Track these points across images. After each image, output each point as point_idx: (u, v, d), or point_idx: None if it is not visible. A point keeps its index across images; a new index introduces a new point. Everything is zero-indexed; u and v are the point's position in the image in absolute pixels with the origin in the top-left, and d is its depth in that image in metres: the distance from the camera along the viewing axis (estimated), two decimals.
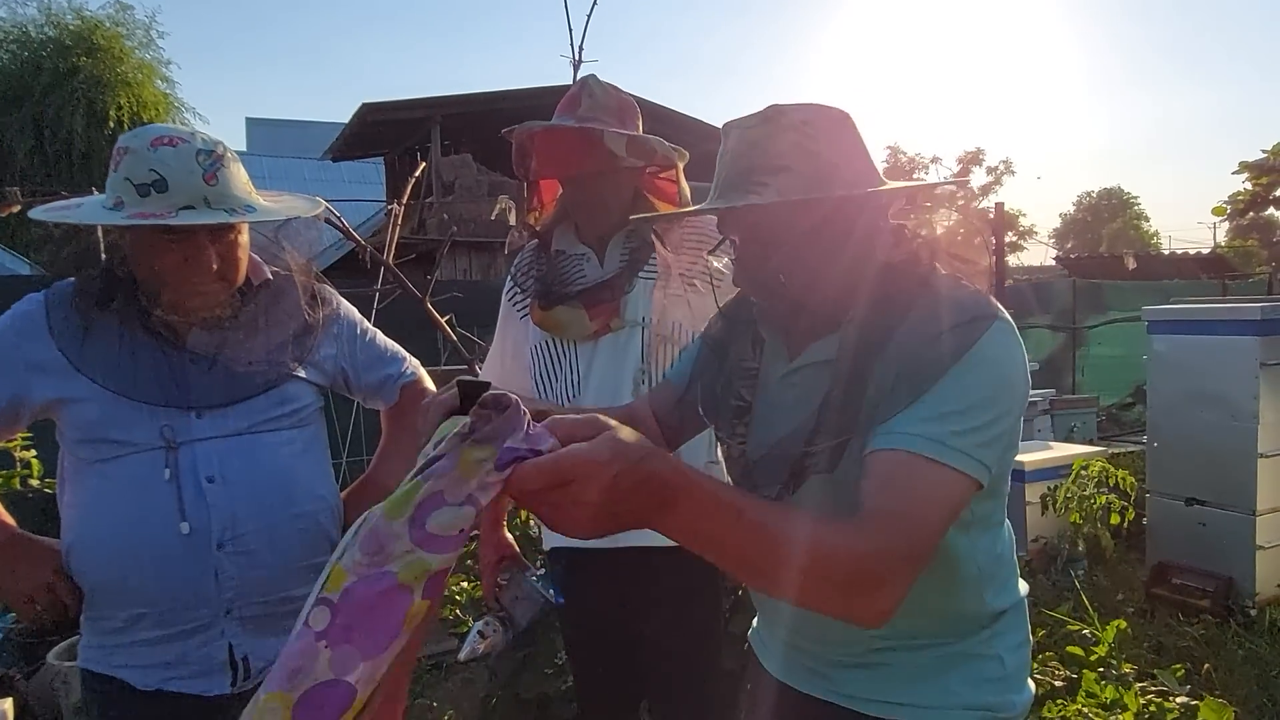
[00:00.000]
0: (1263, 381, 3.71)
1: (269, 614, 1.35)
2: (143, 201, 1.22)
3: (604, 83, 1.63)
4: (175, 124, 13.74)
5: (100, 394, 1.28)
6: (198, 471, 1.29)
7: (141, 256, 1.29)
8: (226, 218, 1.25)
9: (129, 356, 1.30)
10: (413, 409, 1.60)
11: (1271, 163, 4.82)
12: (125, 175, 1.24)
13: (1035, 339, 9.96)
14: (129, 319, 1.31)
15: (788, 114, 1.00)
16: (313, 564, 1.39)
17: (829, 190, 0.98)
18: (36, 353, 1.30)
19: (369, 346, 1.57)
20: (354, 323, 1.56)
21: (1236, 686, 3.09)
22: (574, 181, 1.63)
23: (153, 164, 1.22)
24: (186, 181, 1.23)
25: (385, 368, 1.58)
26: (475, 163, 13.12)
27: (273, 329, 1.40)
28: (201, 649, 1.31)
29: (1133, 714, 2.11)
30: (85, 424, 1.29)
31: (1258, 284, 11.89)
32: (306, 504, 1.39)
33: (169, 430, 1.29)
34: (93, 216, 1.29)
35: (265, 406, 1.37)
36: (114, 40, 12.73)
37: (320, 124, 24.89)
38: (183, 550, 1.27)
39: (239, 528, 1.30)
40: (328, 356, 1.48)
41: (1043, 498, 4.36)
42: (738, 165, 1.01)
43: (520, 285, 1.76)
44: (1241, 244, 23.37)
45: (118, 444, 1.29)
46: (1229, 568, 3.78)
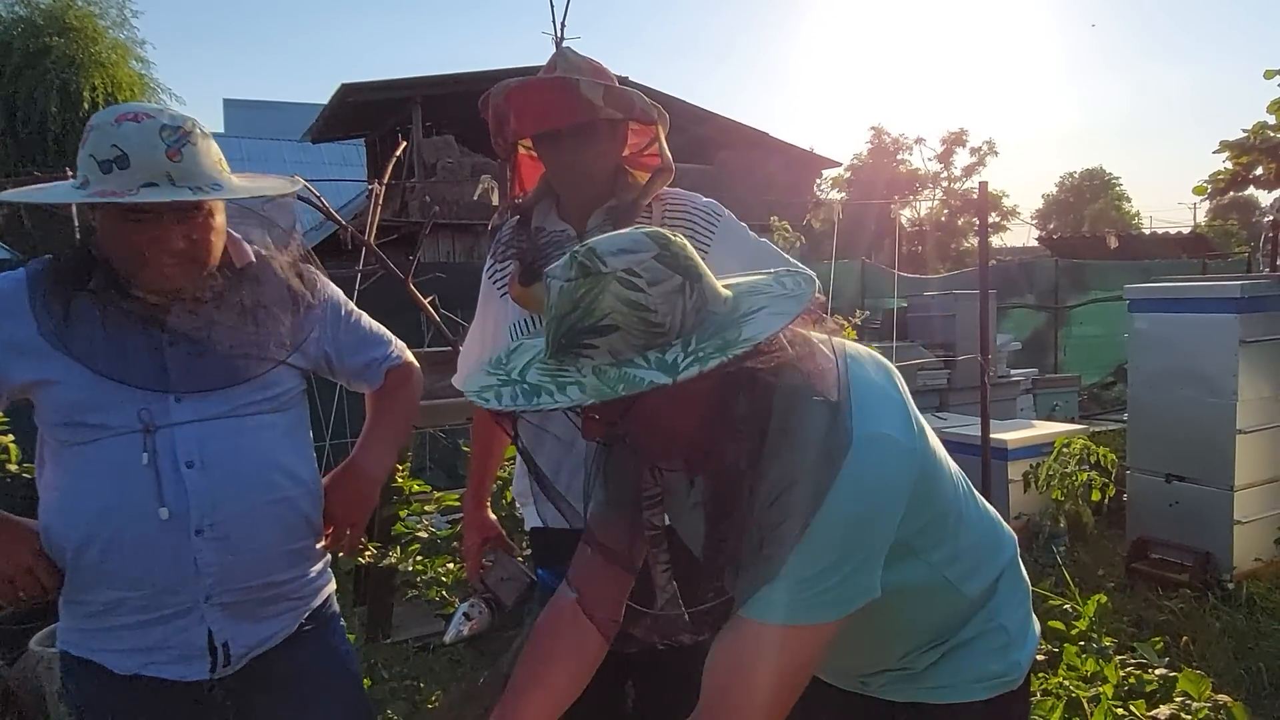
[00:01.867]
0: (1242, 359, 3.75)
1: (249, 600, 1.33)
2: (105, 179, 1.19)
3: (578, 52, 1.61)
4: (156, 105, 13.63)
5: (80, 376, 1.25)
6: (176, 456, 1.27)
7: (109, 236, 1.26)
8: (189, 195, 1.20)
9: (108, 337, 1.27)
10: (397, 392, 1.58)
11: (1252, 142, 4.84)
12: (90, 152, 1.21)
13: (1018, 319, 10.03)
14: (107, 299, 1.28)
15: (607, 261, 0.89)
16: (293, 549, 1.38)
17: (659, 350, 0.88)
18: (14, 332, 1.26)
19: (353, 329, 1.54)
20: (338, 305, 1.53)
21: (1214, 659, 3.14)
22: (554, 141, 1.61)
23: (115, 139, 1.19)
24: (148, 157, 1.19)
25: (370, 351, 1.55)
26: (457, 144, 13.01)
27: (257, 312, 1.37)
28: (181, 634, 1.30)
29: (1113, 686, 2.14)
30: (63, 406, 1.26)
31: (1237, 263, 12.00)
32: (287, 489, 1.36)
33: (147, 414, 1.26)
34: (56, 196, 1.26)
35: (246, 391, 1.34)
36: (87, 20, 12.48)
37: (299, 105, 24.56)
38: (161, 535, 1.25)
39: (218, 513, 1.28)
40: (310, 340, 1.45)
41: (1025, 475, 4.40)
42: (562, 325, 0.90)
43: (499, 261, 1.74)
44: (1221, 224, 23.58)
45: (96, 427, 1.26)
46: (1207, 542, 3.83)
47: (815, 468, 0.91)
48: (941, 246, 25.49)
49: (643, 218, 1.65)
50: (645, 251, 0.90)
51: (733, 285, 1.00)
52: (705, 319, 0.91)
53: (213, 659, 1.31)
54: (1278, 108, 4.87)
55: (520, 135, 1.67)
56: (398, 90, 13.04)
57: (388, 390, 1.58)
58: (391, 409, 1.59)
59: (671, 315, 0.89)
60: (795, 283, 0.99)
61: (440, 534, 2.79)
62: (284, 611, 1.40)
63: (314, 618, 1.45)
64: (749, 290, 0.98)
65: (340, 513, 1.47)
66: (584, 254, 0.90)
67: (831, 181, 26.22)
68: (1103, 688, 2.13)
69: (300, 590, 1.42)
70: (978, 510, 1.19)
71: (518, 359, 0.96)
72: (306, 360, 1.45)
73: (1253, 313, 3.78)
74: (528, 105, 1.59)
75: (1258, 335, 3.79)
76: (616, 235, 0.93)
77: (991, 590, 1.15)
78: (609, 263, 0.89)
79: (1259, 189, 5.16)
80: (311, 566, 1.45)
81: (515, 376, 0.92)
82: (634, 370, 0.86)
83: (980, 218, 4.49)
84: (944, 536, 1.09)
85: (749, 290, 0.98)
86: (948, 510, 1.10)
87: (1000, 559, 1.19)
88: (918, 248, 23.95)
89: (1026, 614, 1.21)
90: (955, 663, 1.14)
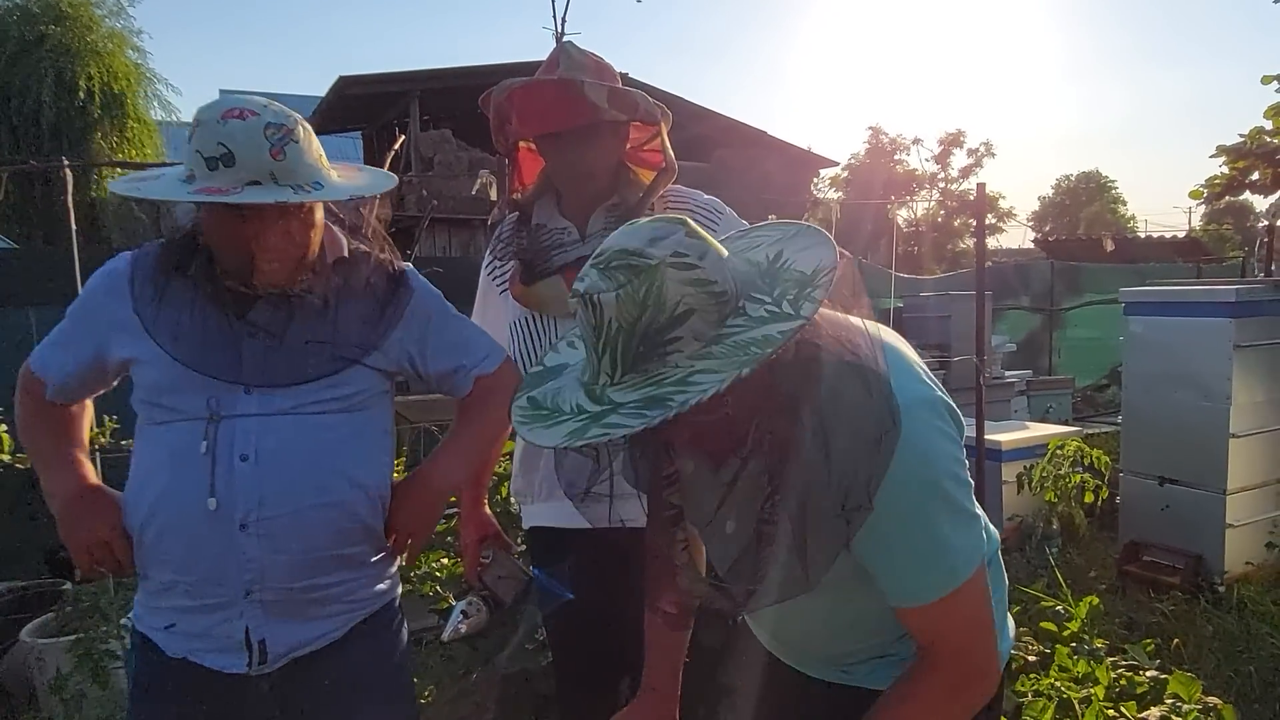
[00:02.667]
0: (1235, 363, 3.76)
1: (291, 600, 1.31)
2: (211, 175, 1.22)
3: (581, 47, 1.60)
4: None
5: (162, 358, 1.29)
6: (234, 448, 1.28)
7: (213, 229, 1.29)
8: (290, 196, 1.23)
9: (194, 323, 1.30)
10: (484, 403, 1.50)
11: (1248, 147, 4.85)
12: (196, 148, 1.23)
13: (1013, 320, 10.05)
14: (201, 286, 1.32)
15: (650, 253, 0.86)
16: (343, 554, 1.35)
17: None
18: (118, 311, 1.33)
19: (443, 332, 1.47)
20: (428, 306, 1.47)
21: (1205, 661, 3.16)
22: (557, 141, 1.60)
23: (221, 137, 1.21)
24: (253, 156, 1.22)
25: (459, 357, 1.48)
26: (455, 139, 12.97)
27: (339, 309, 1.35)
28: (221, 626, 1.30)
29: (1104, 688, 2.15)
30: (146, 385, 1.32)
31: (1232, 267, 12.05)
32: (341, 492, 1.33)
33: (215, 402, 1.29)
34: (166, 191, 1.27)
35: (315, 388, 1.33)
36: (83, 8, 12.38)
37: (296, 97, 24.42)
38: (208, 526, 1.26)
39: (264, 510, 1.27)
40: (392, 340, 1.41)
41: (1018, 477, 4.41)
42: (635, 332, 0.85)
43: (499, 258, 1.74)
44: (1217, 228, 23.66)
45: (169, 410, 1.30)
46: (1199, 545, 3.85)
47: (872, 438, 0.92)
48: (938, 247, 25.53)
49: (646, 214, 1.65)
50: (675, 232, 0.88)
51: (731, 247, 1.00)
52: (746, 279, 0.91)
53: (249, 655, 1.30)
54: (1274, 113, 4.89)
55: (522, 136, 1.66)
56: (396, 83, 13.00)
57: (474, 400, 1.50)
58: (473, 420, 1.52)
59: (726, 281, 0.88)
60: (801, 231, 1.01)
61: (437, 527, 2.78)
62: (335, 614, 1.36)
63: (371, 621, 1.41)
64: (748, 248, 1.00)
65: (402, 522, 1.43)
66: (618, 256, 0.86)
67: (829, 181, 26.25)
68: (1094, 689, 2.14)
69: (353, 594, 1.38)
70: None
71: (564, 397, 0.91)
72: (387, 361, 1.41)
73: (1247, 317, 3.80)
74: (530, 106, 1.58)
75: (1252, 340, 3.81)
76: (634, 229, 0.91)
77: None
78: (653, 253, 0.86)
79: (1255, 194, 5.18)
80: (368, 571, 1.40)
81: (595, 409, 0.87)
82: (745, 334, 0.84)
83: (977, 219, 4.50)
84: None
85: (748, 248, 1.00)
86: None
87: (986, 550, 1.20)
88: (914, 248, 23.98)
89: (1003, 613, 1.22)
90: None
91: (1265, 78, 5.02)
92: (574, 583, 1.70)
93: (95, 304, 1.36)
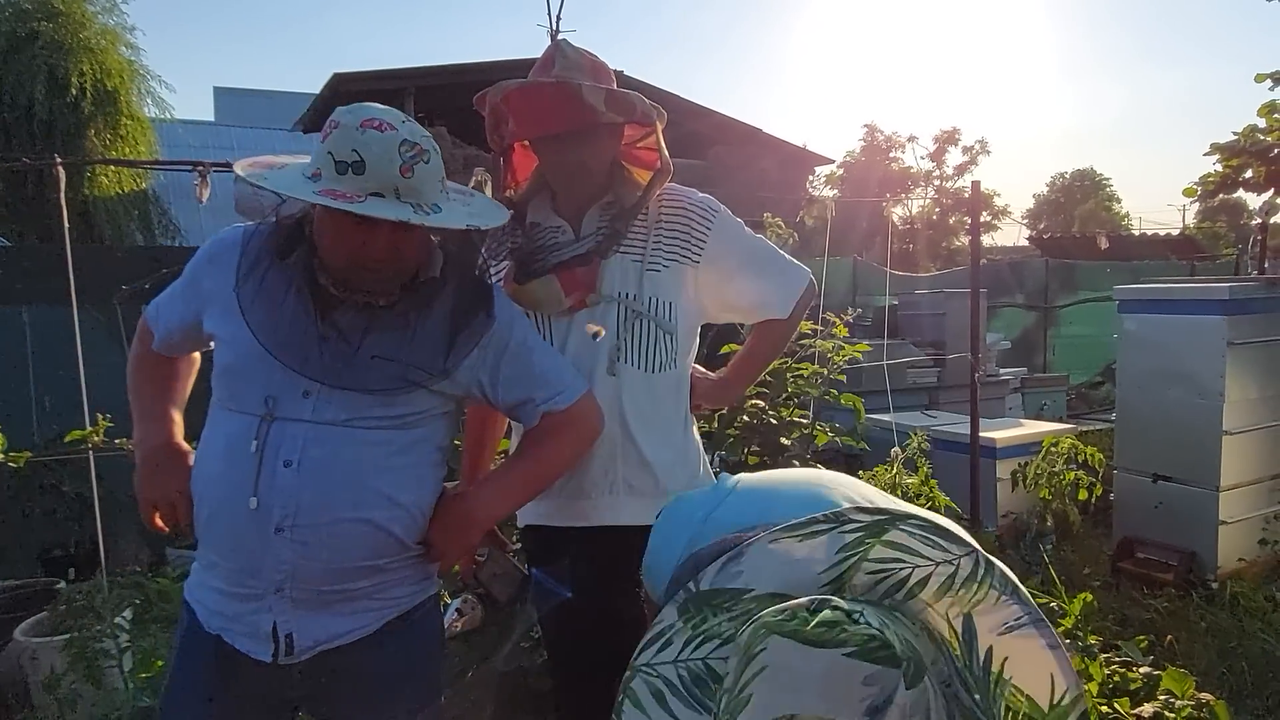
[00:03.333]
0: (1229, 360, 3.77)
1: (321, 599, 1.33)
2: (338, 179, 1.23)
3: (576, 45, 1.60)
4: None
5: (241, 341, 1.31)
6: (280, 452, 1.29)
7: (325, 229, 1.31)
8: (410, 216, 1.23)
9: (281, 310, 1.32)
10: (546, 439, 1.47)
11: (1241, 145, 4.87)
12: (329, 149, 1.24)
13: (1008, 318, 10.07)
14: (297, 278, 1.33)
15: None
16: (374, 565, 1.35)
17: None
18: (218, 281, 1.36)
19: (517, 362, 1.44)
20: (508, 333, 1.44)
21: (1198, 657, 3.17)
22: (553, 142, 1.59)
23: (356, 144, 1.23)
24: (383, 169, 1.23)
25: (530, 389, 1.45)
26: (450, 136, 12.94)
27: (419, 330, 1.35)
28: (252, 615, 1.32)
29: (1097, 684, 2.16)
30: (221, 365, 1.36)
31: (1225, 265, 12.09)
32: (377, 509, 1.32)
33: (272, 401, 1.30)
34: (289, 185, 1.27)
35: (373, 402, 1.32)
36: (75, 5, 12.30)
37: (291, 94, 24.35)
38: (247, 523, 1.29)
39: (300, 518, 1.28)
40: (465, 368, 1.39)
41: (1013, 474, 4.43)
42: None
43: (493, 257, 1.74)
44: (1210, 226, 23.72)
45: (233, 396, 1.34)
46: (1192, 542, 3.86)
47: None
48: (933, 245, 25.57)
49: (640, 214, 1.65)
50: None
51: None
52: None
53: (275, 646, 1.32)
54: (1268, 111, 4.90)
55: (519, 138, 1.66)
56: (391, 81, 12.96)
57: (537, 434, 1.48)
58: (530, 455, 1.49)
59: None
60: None
61: None
62: (364, 610, 1.37)
63: (404, 619, 1.41)
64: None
65: (438, 541, 1.42)
66: None
67: (824, 179, 26.27)
68: (1087, 685, 2.15)
69: (385, 592, 1.39)
70: None
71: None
72: (455, 386, 1.40)
73: (1240, 315, 3.81)
74: (527, 108, 1.58)
75: (1245, 337, 3.82)
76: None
77: None
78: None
79: (1248, 192, 5.20)
80: (403, 574, 1.40)
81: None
82: None
83: (972, 217, 4.51)
84: None
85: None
86: None
87: None
88: (909, 246, 24.01)
89: None
90: None
91: (1259, 76, 5.04)
92: (569, 580, 1.70)
93: (200, 270, 1.41)
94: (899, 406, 5.06)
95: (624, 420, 1.62)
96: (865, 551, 0.83)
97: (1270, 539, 3.96)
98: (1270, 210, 5.40)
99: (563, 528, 1.69)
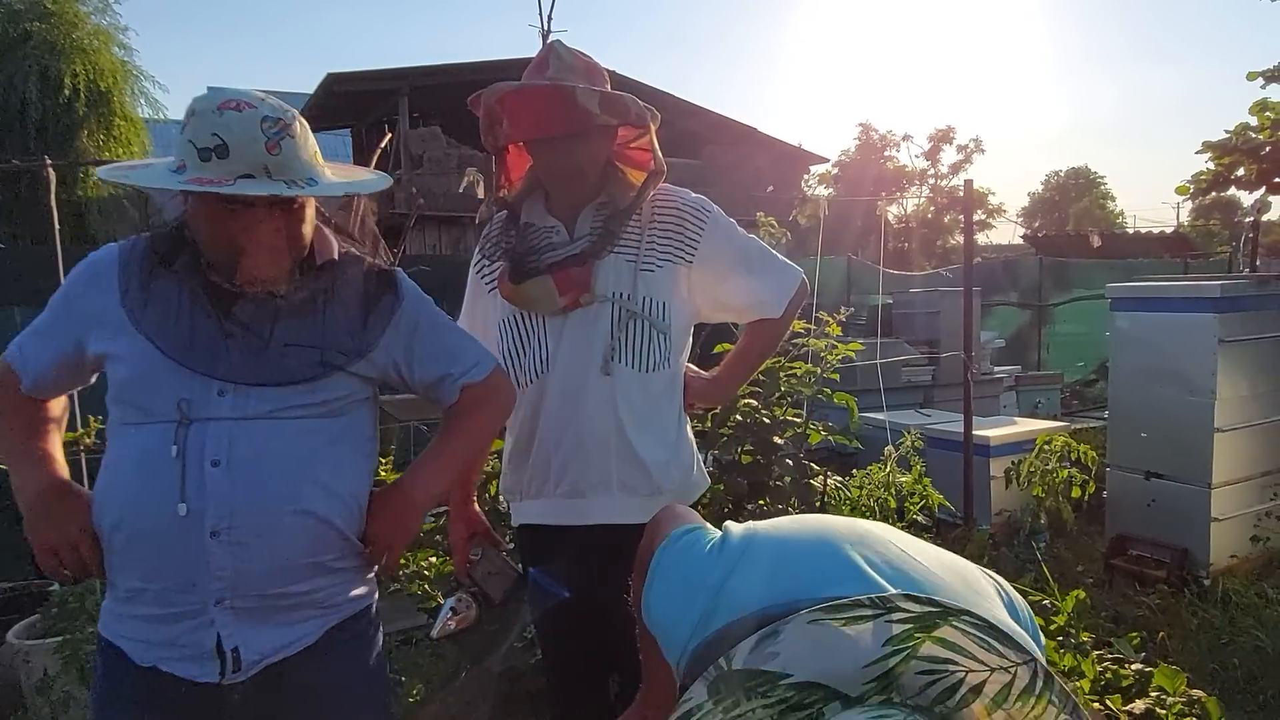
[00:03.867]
0: (1220, 358, 3.79)
1: (264, 607, 1.28)
2: (203, 166, 1.19)
3: (570, 47, 1.60)
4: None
5: (139, 354, 1.26)
6: (205, 452, 1.23)
7: (201, 222, 1.26)
8: (284, 190, 1.20)
9: (179, 318, 1.27)
10: (470, 414, 1.47)
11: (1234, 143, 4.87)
12: (189, 138, 1.20)
13: (1002, 316, 10.10)
14: (187, 281, 1.29)
15: None
16: (317, 561, 1.31)
17: None
18: (101, 303, 1.30)
19: (430, 339, 1.43)
20: (417, 313, 1.42)
21: (1189, 654, 3.18)
22: (547, 145, 1.60)
23: (216, 128, 1.19)
24: (248, 149, 1.19)
25: (446, 365, 1.44)
26: (444, 136, 12.94)
27: (328, 313, 1.32)
28: (191, 634, 1.26)
29: (1090, 680, 2.17)
30: (119, 382, 1.28)
31: (1218, 263, 12.13)
32: (316, 500, 1.29)
33: (186, 404, 1.25)
34: (155, 179, 1.23)
35: (293, 393, 1.29)
36: (67, 5, 12.28)
37: (284, 94, 24.18)
38: (177, 532, 1.22)
39: (236, 518, 1.23)
40: (381, 347, 1.37)
41: (1006, 472, 4.44)
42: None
43: (488, 257, 1.74)
44: (1204, 223, 23.81)
45: (141, 410, 1.27)
46: (1184, 539, 3.88)
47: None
48: (927, 243, 25.61)
49: (634, 214, 1.66)
50: None
51: None
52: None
53: (221, 663, 1.26)
54: (1260, 109, 4.92)
55: (513, 139, 1.66)
56: (384, 80, 12.96)
57: (460, 409, 1.46)
58: (457, 431, 1.48)
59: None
60: None
61: (423, 527, 2.79)
62: (308, 619, 1.33)
63: (345, 628, 1.37)
64: None
65: (380, 533, 1.39)
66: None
67: (819, 178, 26.30)
68: (1080, 683, 2.16)
69: (329, 599, 1.35)
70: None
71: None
72: (372, 368, 1.37)
73: (1231, 313, 3.83)
74: (522, 111, 1.58)
75: (1236, 335, 3.83)
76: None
77: None
78: None
79: (1241, 190, 5.21)
80: (344, 576, 1.37)
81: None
82: None
83: (966, 216, 4.52)
84: None
85: None
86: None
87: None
88: (904, 244, 24.05)
89: None
90: None
91: (1251, 74, 5.05)
92: (564, 579, 1.70)
93: (77, 295, 1.33)
94: (893, 405, 5.08)
95: (618, 419, 1.63)
96: (915, 648, 0.76)
97: (1261, 536, 3.98)
98: (1262, 208, 5.42)
99: (558, 526, 1.70)
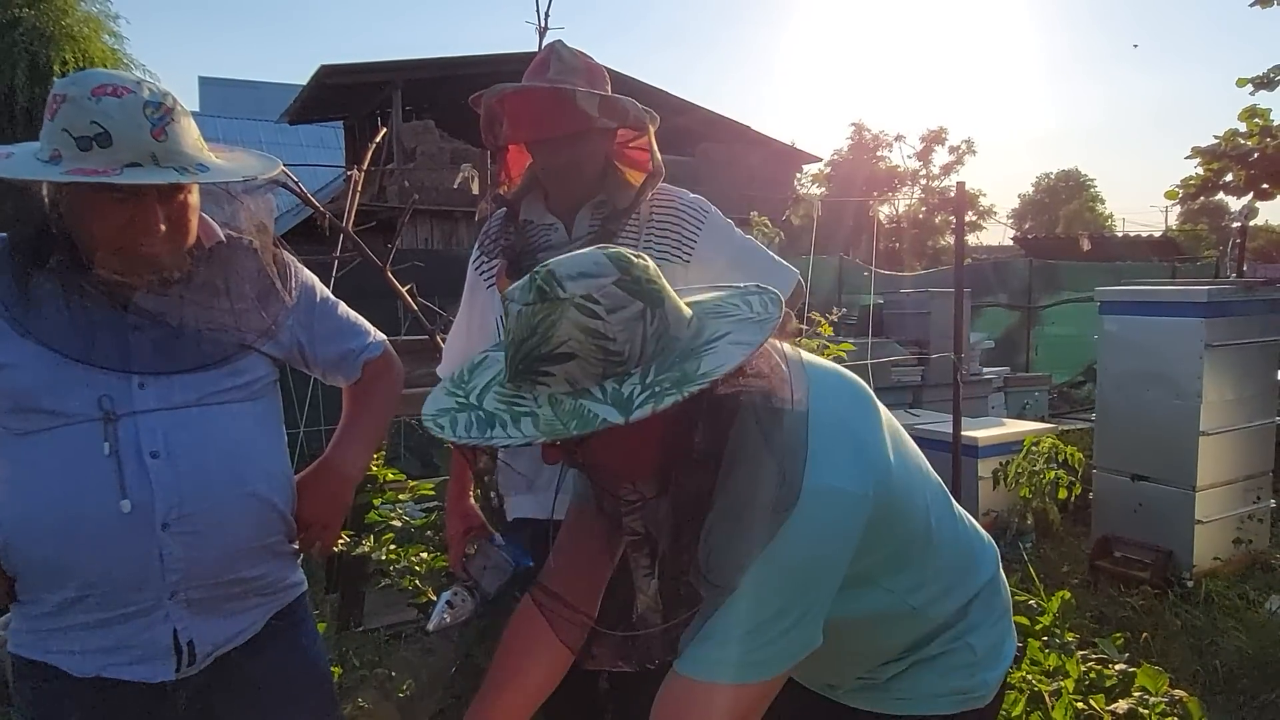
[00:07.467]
0: (1206, 362, 3.83)
1: (216, 596, 1.27)
2: (83, 156, 1.11)
3: (571, 47, 1.61)
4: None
5: (35, 359, 1.18)
6: (140, 445, 1.19)
7: (82, 215, 1.18)
8: (176, 177, 1.14)
9: (71, 318, 1.20)
10: (375, 386, 1.52)
11: (1223, 149, 4.93)
12: (63, 126, 1.12)
13: (992, 317, 10.15)
14: (69, 278, 1.20)
15: (566, 285, 0.85)
16: (265, 545, 1.32)
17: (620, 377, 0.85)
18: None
19: (328, 317, 1.46)
20: (312, 291, 1.45)
21: (1172, 655, 3.22)
22: (546, 145, 1.60)
23: (95, 115, 1.11)
24: (133, 136, 1.12)
25: (346, 341, 1.48)
26: (438, 130, 12.89)
27: (227, 294, 1.30)
28: (144, 633, 1.22)
29: (1074, 681, 2.19)
30: (15, 392, 1.19)
31: (1206, 267, 12.23)
32: (259, 482, 1.29)
33: (108, 400, 1.19)
34: (26, 170, 1.14)
35: (216, 378, 1.27)
36: None
37: (277, 85, 24.16)
38: (123, 530, 1.18)
39: (185, 507, 1.21)
40: (287, 327, 1.38)
41: (994, 473, 4.47)
42: (520, 350, 0.87)
43: (487, 254, 1.74)
44: (1192, 228, 23.98)
45: (51, 414, 1.18)
46: (1169, 541, 3.92)
47: (760, 518, 0.89)
48: (918, 244, 25.69)
49: (632, 214, 1.66)
50: (606, 276, 0.86)
51: (697, 304, 0.96)
52: (666, 345, 0.88)
53: (178, 658, 1.24)
54: (1248, 116, 4.97)
55: (512, 140, 1.67)
56: (378, 73, 12.88)
57: (365, 383, 1.51)
58: (368, 403, 1.52)
59: (631, 343, 0.86)
60: (763, 304, 0.95)
61: (414, 523, 2.79)
62: (253, 607, 1.33)
63: (284, 615, 1.38)
64: (714, 311, 0.95)
65: (313, 512, 1.40)
66: (543, 277, 0.87)
67: (812, 177, 26.33)
68: (1064, 682, 2.18)
69: (271, 586, 1.35)
70: (955, 532, 1.15)
71: (479, 377, 0.94)
72: (279, 348, 1.37)
73: (1217, 317, 3.87)
74: (522, 112, 1.59)
75: (1222, 339, 3.87)
76: (578, 256, 0.90)
77: (963, 613, 1.12)
78: (567, 288, 0.85)
79: (1229, 195, 5.27)
80: (285, 561, 1.39)
81: (473, 400, 0.90)
82: (589, 404, 0.83)
83: (957, 217, 4.54)
84: (908, 564, 1.06)
85: (714, 311, 0.95)
86: (913, 540, 1.06)
87: (974, 582, 1.15)
88: (895, 245, 24.12)
89: (1001, 635, 1.18)
90: (919, 676, 1.12)
91: (1240, 80, 5.10)
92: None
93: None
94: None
95: None
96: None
97: (1244, 538, 4.02)
98: (1249, 214, 5.48)
99: (553, 520, 1.70)
